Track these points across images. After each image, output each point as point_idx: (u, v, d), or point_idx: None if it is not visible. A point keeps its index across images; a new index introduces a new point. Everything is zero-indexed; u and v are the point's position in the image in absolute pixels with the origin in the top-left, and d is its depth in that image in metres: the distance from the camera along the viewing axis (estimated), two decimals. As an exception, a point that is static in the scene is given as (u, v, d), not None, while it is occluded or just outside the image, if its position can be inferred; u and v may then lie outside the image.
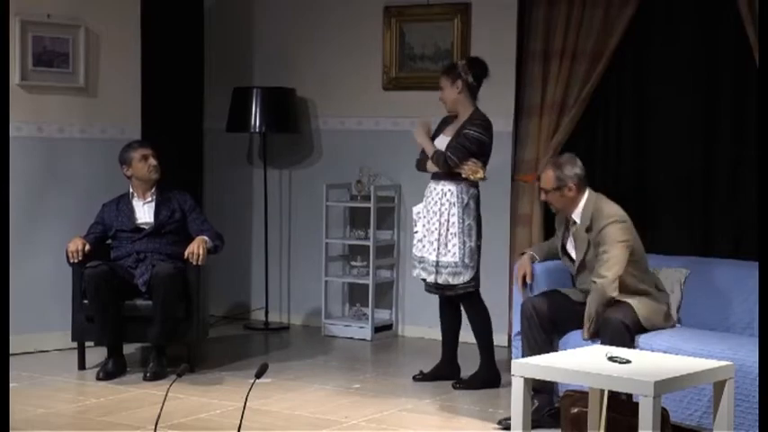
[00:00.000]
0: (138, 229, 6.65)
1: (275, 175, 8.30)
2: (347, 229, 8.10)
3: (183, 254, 6.52)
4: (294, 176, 8.33)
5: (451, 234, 6.14)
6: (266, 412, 5.66)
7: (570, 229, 5.65)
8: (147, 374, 6.36)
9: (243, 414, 4.18)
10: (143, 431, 5.30)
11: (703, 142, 6.92)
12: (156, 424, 4.35)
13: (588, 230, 5.53)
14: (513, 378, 4.30)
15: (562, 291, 5.68)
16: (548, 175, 5.59)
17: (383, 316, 7.94)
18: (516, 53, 7.43)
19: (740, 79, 6.71)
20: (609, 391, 4.34)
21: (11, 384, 5.56)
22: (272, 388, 6.14)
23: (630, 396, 4.49)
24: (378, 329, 7.79)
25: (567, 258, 5.70)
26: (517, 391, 4.28)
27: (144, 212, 6.69)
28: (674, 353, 4.86)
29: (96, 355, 6.66)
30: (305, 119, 8.21)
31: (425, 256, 6.24)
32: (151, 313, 6.41)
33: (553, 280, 5.80)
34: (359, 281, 7.93)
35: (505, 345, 7.30)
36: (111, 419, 5.52)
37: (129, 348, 6.84)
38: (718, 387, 4.32)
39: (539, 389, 5.32)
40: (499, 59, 7.37)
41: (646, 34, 7.07)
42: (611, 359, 4.30)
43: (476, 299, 6.30)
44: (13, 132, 6.55)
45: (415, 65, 7.81)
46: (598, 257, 5.45)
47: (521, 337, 5.59)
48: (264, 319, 8.15)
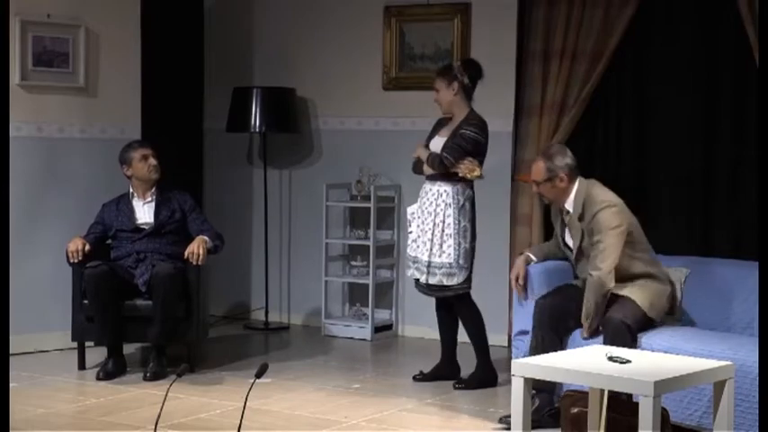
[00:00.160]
0: (138, 229, 6.65)
1: (275, 175, 8.30)
2: (347, 229, 8.10)
3: (182, 254, 6.52)
4: (294, 176, 8.33)
5: (447, 235, 6.15)
6: (266, 412, 5.66)
7: (565, 220, 5.65)
8: (147, 374, 6.36)
9: (243, 414, 4.18)
10: (143, 431, 5.30)
11: (703, 142, 6.92)
12: (156, 424, 4.35)
13: (581, 219, 5.51)
14: (513, 378, 4.30)
15: (574, 283, 5.66)
16: (538, 166, 5.58)
17: (383, 316, 7.94)
18: (516, 53, 7.43)
19: (740, 79, 6.72)
20: (609, 391, 4.34)
21: (11, 384, 5.56)
22: (272, 388, 6.14)
23: (630, 396, 4.48)
24: (378, 329, 7.79)
25: (568, 249, 5.70)
26: (517, 391, 4.28)
27: (144, 212, 6.69)
28: (675, 353, 4.85)
29: (96, 355, 6.66)
30: (305, 119, 8.21)
31: (419, 256, 6.24)
32: (151, 313, 6.41)
33: (553, 280, 5.78)
34: (359, 281, 7.93)
35: (505, 345, 7.31)
36: (111, 419, 5.52)
37: (129, 348, 6.84)
38: (718, 387, 4.32)
39: (540, 388, 5.33)
40: (499, 59, 7.38)
41: (646, 34, 7.07)
42: (611, 359, 4.30)
43: (468, 300, 6.31)
44: (12, 132, 6.55)
45: (415, 65, 7.81)
46: (593, 246, 5.43)
47: (531, 335, 5.57)
48: (264, 319, 8.16)
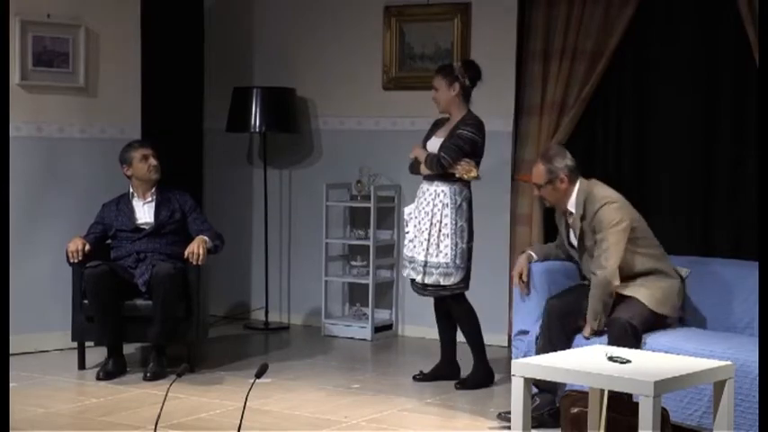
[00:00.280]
0: (138, 229, 6.65)
1: (275, 175, 8.30)
2: (347, 229, 8.10)
3: (182, 254, 6.52)
4: (294, 176, 8.33)
5: (444, 235, 6.15)
6: (266, 412, 5.66)
7: (568, 221, 5.65)
8: (147, 374, 6.36)
9: (243, 414, 4.18)
10: (143, 431, 5.30)
11: (703, 142, 6.92)
12: (156, 424, 4.35)
13: (583, 218, 5.51)
14: (513, 378, 4.29)
15: (583, 283, 5.65)
16: (538, 169, 5.58)
17: (383, 316, 7.94)
18: (516, 53, 7.43)
19: (740, 79, 6.71)
20: (609, 391, 4.34)
21: (11, 384, 5.56)
22: (272, 388, 6.14)
23: (630, 396, 4.48)
24: (378, 329, 7.79)
25: (573, 250, 5.69)
26: (517, 390, 4.28)
27: (144, 212, 6.69)
28: (675, 353, 4.85)
29: (96, 355, 6.66)
30: (305, 119, 8.21)
31: (415, 256, 6.24)
32: (151, 313, 6.41)
33: (553, 280, 5.79)
34: (359, 281, 7.93)
35: (505, 345, 7.31)
36: (111, 419, 5.52)
37: (129, 348, 6.84)
38: (719, 387, 4.32)
39: (543, 388, 5.32)
40: (499, 59, 7.39)
41: (646, 34, 7.07)
42: (611, 359, 4.30)
43: (463, 300, 6.31)
44: (12, 132, 6.55)
45: (415, 64, 7.81)
46: (596, 245, 5.43)
47: (539, 335, 5.54)
48: (264, 319, 8.15)
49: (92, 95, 7.26)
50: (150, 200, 6.70)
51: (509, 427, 4.51)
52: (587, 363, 4.30)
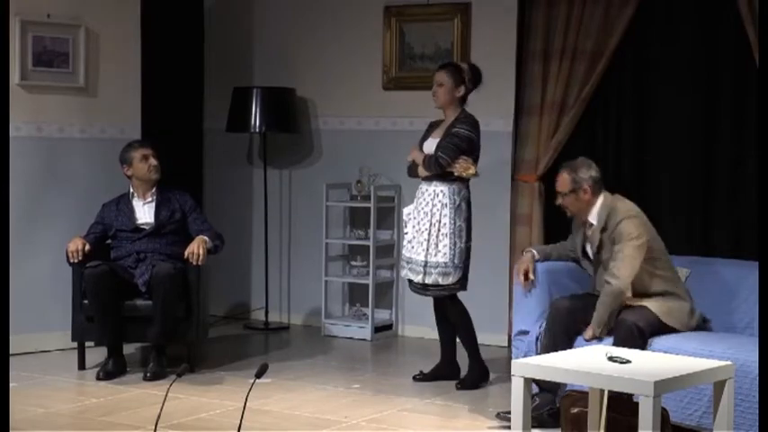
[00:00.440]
0: (138, 230, 6.64)
1: (275, 175, 8.30)
2: (347, 229, 8.10)
3: (182, 254, 6.52)
4: (294, 176, 8.33)
5: (443, 235, 6.15)
6: (266, 412, 5.66)
7: (587, 233, 5.65)
8: (147, 374, 6.36)
9: (243, 414, 4.18)
10: (143, 431, 5.30)
11: (703, 142, 6.92)
12: (156, 424, 4.34)
13: (604, 230, 5.52)
14: (512, 378, 4.30)
15: (593, 293, 5.65)
16: (563, 178, 5.61)
17: (383, 316, 7.94)
18: (516, 53, 7.43)
19: (740, 79, 6.71)
20: (609, 391, 4.34)
21: (11, 384, 5.56)
22: (272, 388, 6.14)
23: (631, 396, 4.48)
24: (378, 329, 7.79)
25: (587, 262, 5.69)
26: (517, 390, 4.28)
27: (144, 212, 6.69)
28: (675, 353, 4.85)
29: (96, 355, 6.66)
30: (305, 119, 8.21)
31: (413, 256, 6.24)
32: (151, 313, 6.41)
33: (554, 280, 5.79)
34: (359, 281, 7.93)
35: (505, 345, 7.31)
36: (111, 419, 5.52)
37: (129, 348, 6.84)
38: (718, 387, 4.32)
39: (544, 387, 5.32)
40: (499, 59, 7.39)
41: (646, 34, 7.07)
42: (611, 359, 4.30)
43: (457, 299, 6.32)
44: (12, 132, 6.55)
45: (415, 64, 7.81)
46: (612, 256, 5.44)
47: (544, 334, 5.54)
48: (264, 319, 8.15)
49: (92, 95, 7.25)
50: (150, 200, 6.70)
51: (509, 427, 4.51)
52: (587, 363, 4.30)
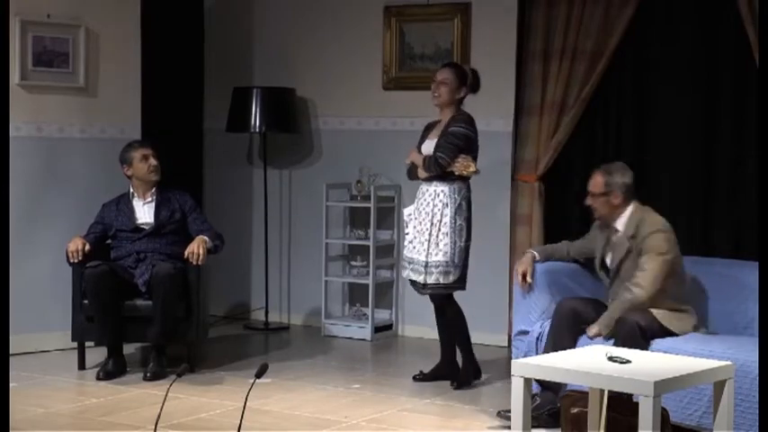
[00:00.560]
0: (138, 229, 6.64)
1: (275, 175, 8.30)
2: (347, 229, 8.10)
3: (182, 254, 6.52)
4: (294, 176, 8.33)
5: (443, 234, 6.15)
6: (266, 412, 5.66)
7: (611, 238, 5.63)
8: (147, 374, 6.36)
9: (243, 414, 4.18)
10: (143, 431, 5.30)
11: (703, 142, 6.92)
12: (156, 424, 4.35)
13: (632, 238, 5.50)
14: (513, 378, 4.29)
15: (601, 300, 5.64)
16: (597, 180, 5.61)
17: (383, 316, 7.94)
18: (516, 53, 7.43)
19: (740, 79, 6.71)
20: (609, 391, 4.34)
21: (11, 384, 5.56)
22: (272, 388, 6.14)
23: (631, 396, 4.48)
24: (378, 329, 7.79)
25: (604, 271, 5.66)
26: (517, 390, 4.28)
27: (144, 212, 6.69)
28: (675, 353, 4.85)
29: (96, 355, 6.66)
30: (305, 119, 8.21)
31: (415, 257, 6.24)
32: (151, 313, 6.40)
33: (553, 280, 5.79)
34: (359, 281, 7.93)
35: (505, 345, 7.31)
36: (111, 419, 5.52)
37: (129, 348, 6.84)
38: (718, 387, 4.32)
39: (546, 386, 5.31)
40: (499, 59, 7.39)
41: (646, 34, 7.07)
42: (611, 359, 4.30)
43: (452, 299, 6.32)
44: (12, 132, 6.55)
45: (415, 64, 7.81)
46: (638, 266, 5.42)
47: (548, 334, 5.53)
48: (264, 319, 8.15)
49: (92, 95, 7.25)
50: (150, 200, 6.70)
51: (509, 426, 4.51)
52: (587, 363, 4.30)
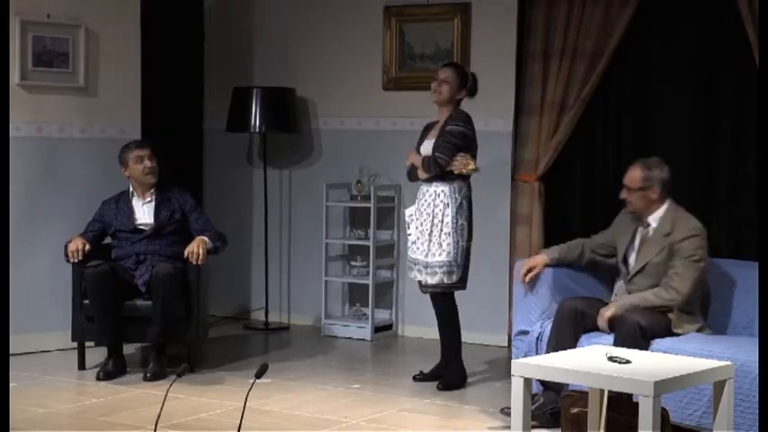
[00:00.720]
0: (138, 231, 6.64)
1: (275, 175, 8.30)
2: (347, 229, 8.10)
3: (182, 254, 6.51)
4: (294, 176, 8.33)
5: (445, 234, 6.15)
6: (266, 412, 5.66)
7: (638, 234, 5.60)
8: (148, 374, 6.35)
9: (243, 414, 4.18)
10: (143, 431, 5.30)
11: (703, 142, 6.92)
12: (156, 424, 4.35)
13: (666, 235, 5.48)
14: (513, 378, 4.29)
15: (603, 300, 5.63)
16: (635, 173, 5.59)
17: (383, 316, 7.94)
18: (516, 53, 7.43)
19: (740, 79, 6.71)
20: (609, 391, 4.34)
21: (11, 384, 5.55)
22: (272, 388, 6.14)
23: (630, 396, 4.48)
24: (378, 329, 7.79)
25: (624, 265, 5.63)
26: (517, 390, 4.28)
27: (143, 213, 6.68)
28: (674, 353, 4.85)
29: (96, 355, 6.66)
30: (305, 119, 8.21)
31: (419, 257, 6.24)
32: (151, 313, 6.40)
33: (553, 280, 5.77)
34: (359, 281, 7.92)
35: (505, 345, 7.31)
36: (111, 419, 5.52)
37: (129, 348, 6.83)
38: (718, 387, 4.32)
39: (549, 386, 5.30)
40: (499, 59, 7.39)
41: (646, 34, 7.07)
42: (611, 359, 4.30)
43: (452, 298, 6.32)
44: (12, 132, 6.54)
45: (415, 64, 7.81)
46: (673, 267, 5.40)
47: (550, 334, 5.51)
48: (264, 319, 8.15)
49: (92, 95, 7.25)
50: (150, 200, 6.70)
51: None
52: (587, 363, 4.30)
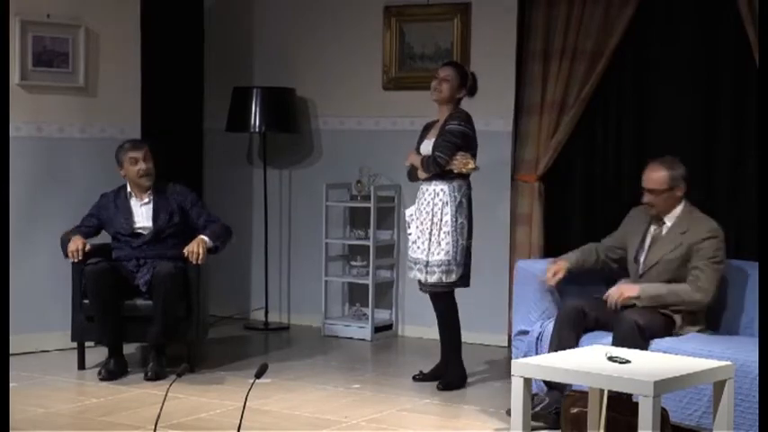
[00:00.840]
0: (137, 234, 6.60)
1: (275, 174, 8.30)
2: (347, 229, 8.10)
3: (183, 254, 6.49)
4: (294, 176, 8.33)
5: (444, 233, 6.15)
6: (266, 412, 5.66)
7: (650, 232, 5.57)
8: (149, 374, 6.34)
9: (243, 414, 4.18)
10: (143, 431, 5.30)
11: (703, 142, 6.92)
12: (156, 424, 4.35)
13: (683, 233, 5.44)
14: (512, 378, 4.30)
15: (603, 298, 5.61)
16: (659, 174, 5.47)
17: (383, 316, 7.94)
18: (516, 52, 7.43)
19: (740, 79, 6.72)
20: (609, 391, 4.34)
21: (11, 384, 5.55)
22: (271, 388, 6.14)
23: (630, 396, 4.48)
24: (377, 329, 7.79)
25: (635, 266, 5.60)
26: (517, 390, 4.28)
27: (141, 215, 6.62)
28: (674, 353, 4.85)
29: (96, 354, 6.66)
30: (305, 119, 8.21)
31: (420, 257, 6.24)
32: (151, 313, 6.40)
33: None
34: (359, 281, 7.92)
35: (505, 345, 7.31)
36: (111, 419, 5.52)
37: (130, 348, 6.83)
38: (718, 387, 4.33)
39: (553, 386, 5.30)
40: (499, 59, 7.39)
41: (645, 34, 7.07)
42: (610, 359, 4.30)
43: (452, 297, 6.32)
44: (12, 132, 6.54)
45: (414, 64, 7.81)
46: (697, 267, 5.37)
47: (552, 334, 5.47)
48: (264, 319, 8.15)
49: (92, 95, 7.25)
50: (147, 201, 6.65)
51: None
52: (587, 363, 4.30)
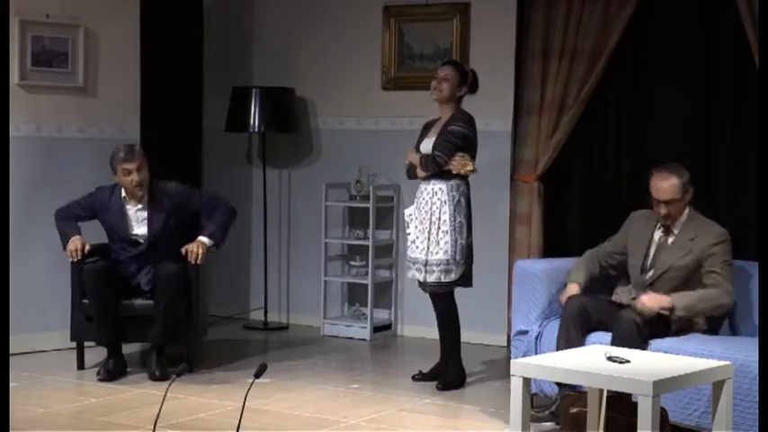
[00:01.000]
0: (134, 242, 6.56)
1: (275, 174, 8.30)
2: (346, 229, 8.10)
3: (182, 254, 6.48)
4: (293, 176, 8.33)
5: (443, 232, 6.15)
6: (266, 412, 5.66)
7: (654, 240, 5.54)
8: (156, 373, 6.29)
9: (242, 414, 4.18)
10: (142, 431, 5.30)
11: (703, 142, 6.92)
12: (156, 424, 4.35)
13: (691, 239, 5.43)
14: (512, 378, 4.30)
15: (607, 298, 5.60)
16: (671, 183, 5.41)
17: (382, 316, 7.94)
18: (515, 52, 7.43)
19: (740, 79, 6.71)
20: (609, 391, 4.34)
21: (11, 384, 5.55)
22: (271, 388, 6.14)
23: (630, 395, 4.48)
24: (377, 329, 7.79)
25: (642, 276, 5.56)
26: (516, 390, 4.28)
27: (137, 221, 6.52)
28: (674, 353, 4.85)
29: (96, 354, 6.65)
30: (304, 119, 8.21)
31: (418, 256, 6.24)
32: (150, 313, 6.39)
33: (553, 280, 5.76)
34: (358, 281, 7.92)
35: (505, 345, 7.30)
36: (110, 419, 5.52)
37: (130, 348, 6.83)
38: (718, 387, 4.33)
39: (563, 385, 5.29)
40: (498, 58, 7.39)
41: (645, 34, 7.07)
42: (610, 359, 4.30)
43: (452, 297, 6.32)
44: (12, 132, 6.53)
45: (414, 64, 7.81)
46: (716, 272, 5.36)
47: (558, 333, 5.44)
48: (264, 319, 8.15)
49: (91, 95, 7.25)
50: (141, 207, 6.54)
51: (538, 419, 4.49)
52: (586, 363, 4.30)
